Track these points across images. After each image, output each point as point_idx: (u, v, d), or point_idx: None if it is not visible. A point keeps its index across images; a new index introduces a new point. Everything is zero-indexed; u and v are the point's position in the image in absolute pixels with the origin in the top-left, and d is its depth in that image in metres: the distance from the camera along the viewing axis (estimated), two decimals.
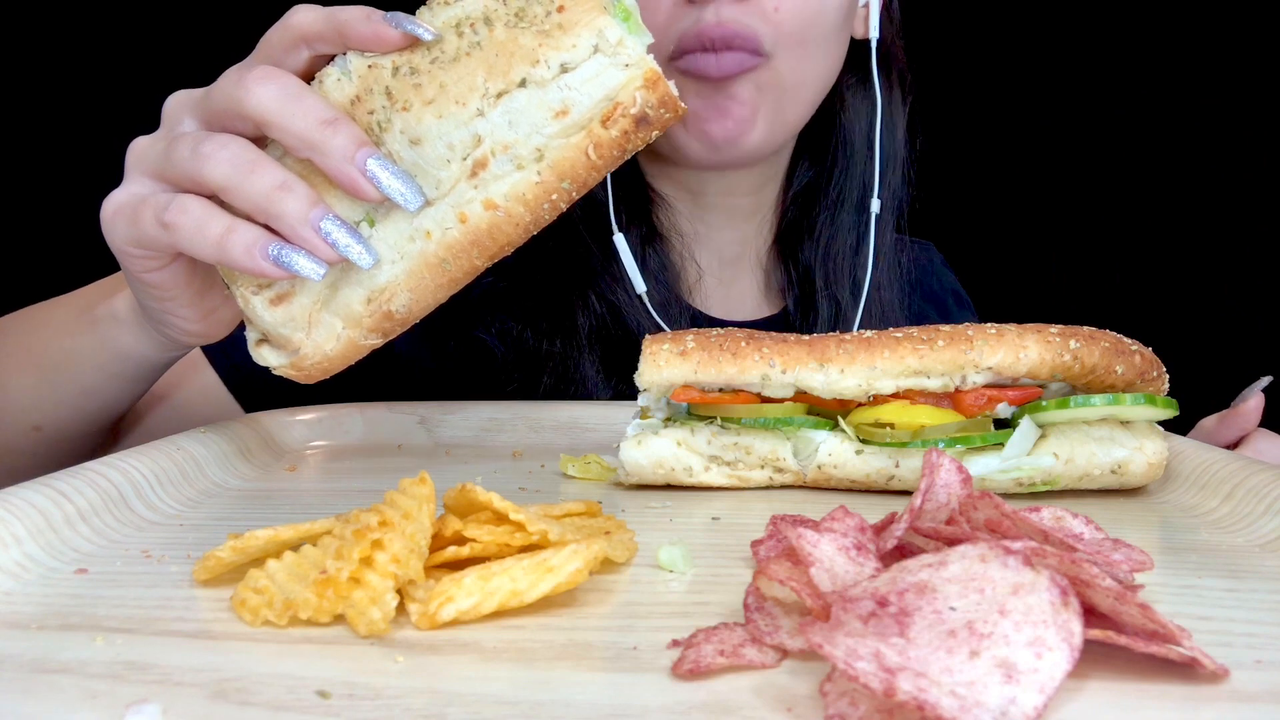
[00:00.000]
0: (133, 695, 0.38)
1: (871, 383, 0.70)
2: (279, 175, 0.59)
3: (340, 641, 0.44)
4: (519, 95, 0.58)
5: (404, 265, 0.61)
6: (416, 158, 0.59)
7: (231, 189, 0.59)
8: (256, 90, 0.59)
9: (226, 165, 0.59)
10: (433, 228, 0.60)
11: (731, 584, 0.52)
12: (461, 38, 0.59)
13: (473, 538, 0.50)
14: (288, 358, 0.65)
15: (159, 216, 0.61)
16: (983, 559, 0.39)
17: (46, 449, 0.89)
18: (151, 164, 0.64)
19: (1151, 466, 0.71)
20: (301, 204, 0.58)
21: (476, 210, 0.60)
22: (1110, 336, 0.72)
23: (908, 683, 0.34)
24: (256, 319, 0.63)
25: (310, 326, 0.63)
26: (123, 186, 0.65)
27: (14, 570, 0.52)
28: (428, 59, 0.59)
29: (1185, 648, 0.39)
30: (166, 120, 0.66)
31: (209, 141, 0.60)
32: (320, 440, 0.93)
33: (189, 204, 0.60)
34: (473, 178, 0.60)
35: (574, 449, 0.87)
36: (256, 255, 0.58)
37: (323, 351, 0.64)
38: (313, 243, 0.58)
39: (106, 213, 0.65)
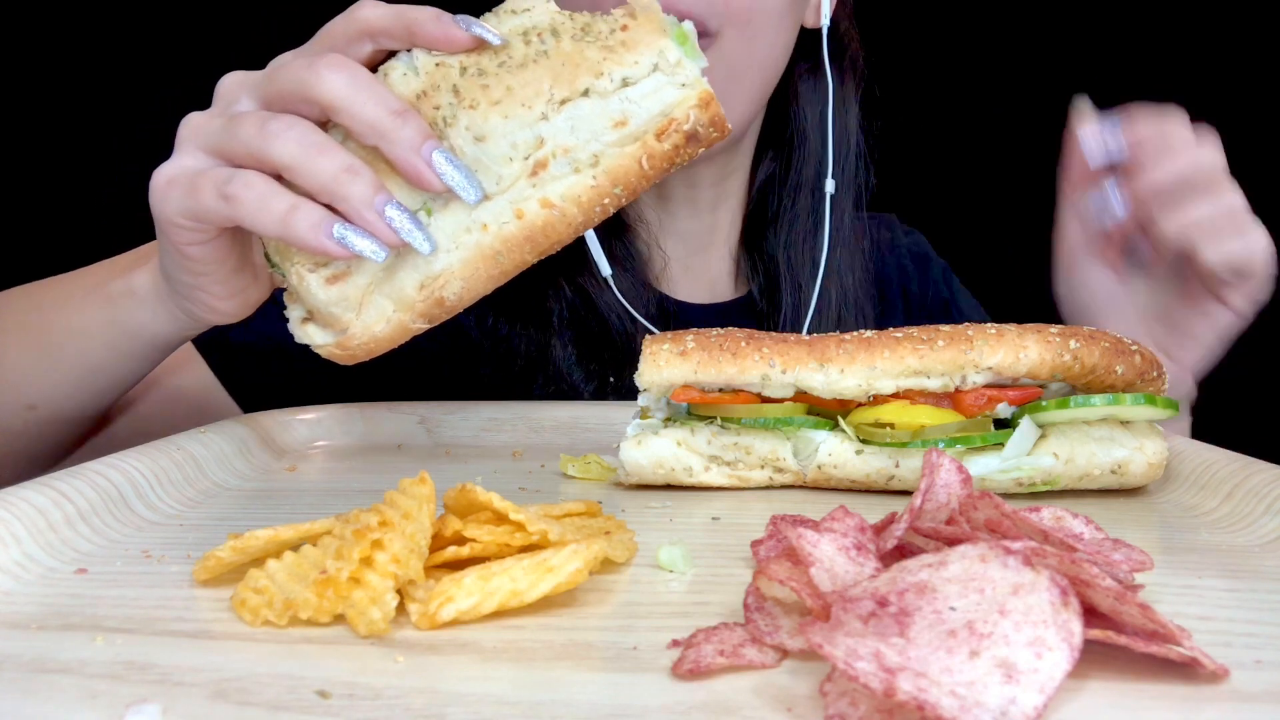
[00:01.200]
0: (133, 695, 0.38)
1: (871, 383, 0.70)
2: (346, 158, 0.60)
3: (340, 641, 0.44)
4: (582, 103, 0.61)
5: (459, 255, 0.63)
6: (479, 154, 0.61)
7: (298, 168, 0.60)
8: (328, 76, 0.60)
9: (294, 144, 0.60)
10: (490, 221, 0.63)
11: (731, 584, 0.52)
12: (529, 45, 0.62)
13: (473, 538, 0.50)
14: (334, 337, 0.66)
15: (221, 189, 0.61)
16: (983, 559, 0.39)
17: (39, 429, 0.89)
18: (210, 139, 0.64)
19: (1151, 466, 0.71)
20: (367, 188, 0.59)
21: (533, 208, 0.63)
22: (1110, 336, 0.72)
23: (908, 683, 0.34)
24: (309, 296, 0.64)
25: (362, 307, 0.64)
26: (174, 159, 0.65)
27: (14, 570, 0.52)
28: (495, 62, 0.62)
29: (1185, 648, 0.39)
30: (222, 98, 0.66)
31: (276, 121, 0.60)
32: (320, 440, 0.93)
33: (252, 179, 0.61)
34: (532, 176, 0.62)
35: (574, 449, 0.87)
36: (321, 233, 0.59)
37: (371, 333, 0.65)
38: (376, 226, 0.59)
39: (159, 182, 0.65)
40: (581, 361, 1.12)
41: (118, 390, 0.88)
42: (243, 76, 0.66)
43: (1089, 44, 2.40)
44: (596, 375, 1.13)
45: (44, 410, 0.87)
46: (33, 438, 0.89)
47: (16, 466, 0.93)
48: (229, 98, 0.66)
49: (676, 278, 1.22)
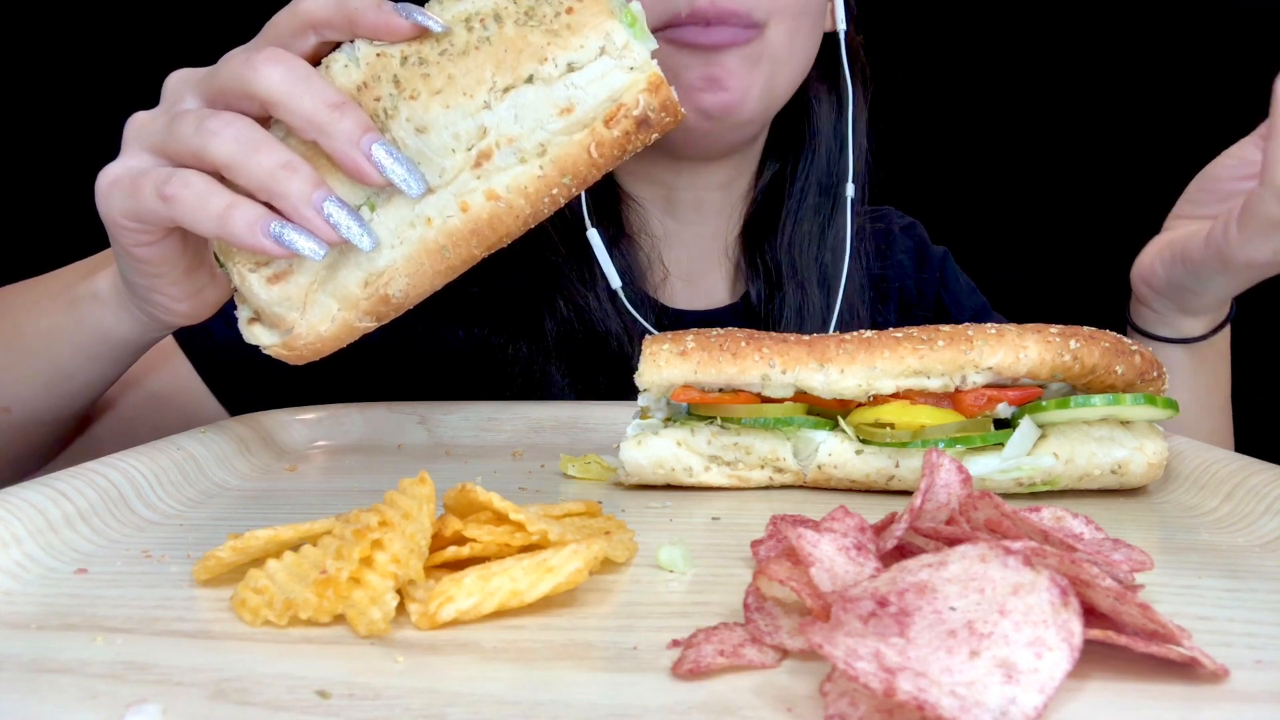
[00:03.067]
0: (133, 695, 0.38)
1: (871, 383, 0.70)
2: (283, 155, 0.59)
3: (340, 641, 0.44)
4: (526, 91, 0.59)
5: (404, 250, 0.62)
6: (421, 145, 0.60)
7: (235, 166, 0.59)
8: (265, 70, 0.59)
9: (231, 142, 0.59)
10: (434, 215, 0.61)
11: (731, 584, 0.52)
12: (471, 32, 0.60)
13: (473, 538, 0.50)
14: (280, 336, 0.65)
15: (159, 189, 0.61)
16: (983, 559, 0.39)
17: (15, 432, 0.88)
18: (152, 138, 0.64)
19: (1151, 466, 0.71)
20: (305, 184, 0.58)
21: (478, 200, 0.61)
22: (1110, 336, 0.72)
23: (908, 683, 0.34)
24: (252, 296, 0.63)
25: (305, 306, 0.63)
26: (119, 159, 0.65)
27: (14, 570, 0.52)
28: (436, 50, 0.60)
29: (1185, 648, 0.39)
30: (167, 97, 0.66)
31: (214, 119, 0.60)
32: (320, 440, 0.93)
33: (191, 178, 0.61)
34: (476, 168, 0.61)
35: (574, 449, 0.87)
36: (258, 232, 0.58)
37: (316, 332, 0.64)
38: (315, 223, 0.58)
39: (102, 184, 0.65)
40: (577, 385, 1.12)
41: (91, 392, 0.88)
42: (188, 74, 0.66)
43: (1087, 41, 2.40)
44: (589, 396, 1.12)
45: (19, 413, 0.87)
46: (10, 443, 0.89)
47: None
48: (174, 96, 0.66)
49: (676, 287, 1.21)
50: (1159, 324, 1.09)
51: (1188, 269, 1.01)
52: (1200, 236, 0.99)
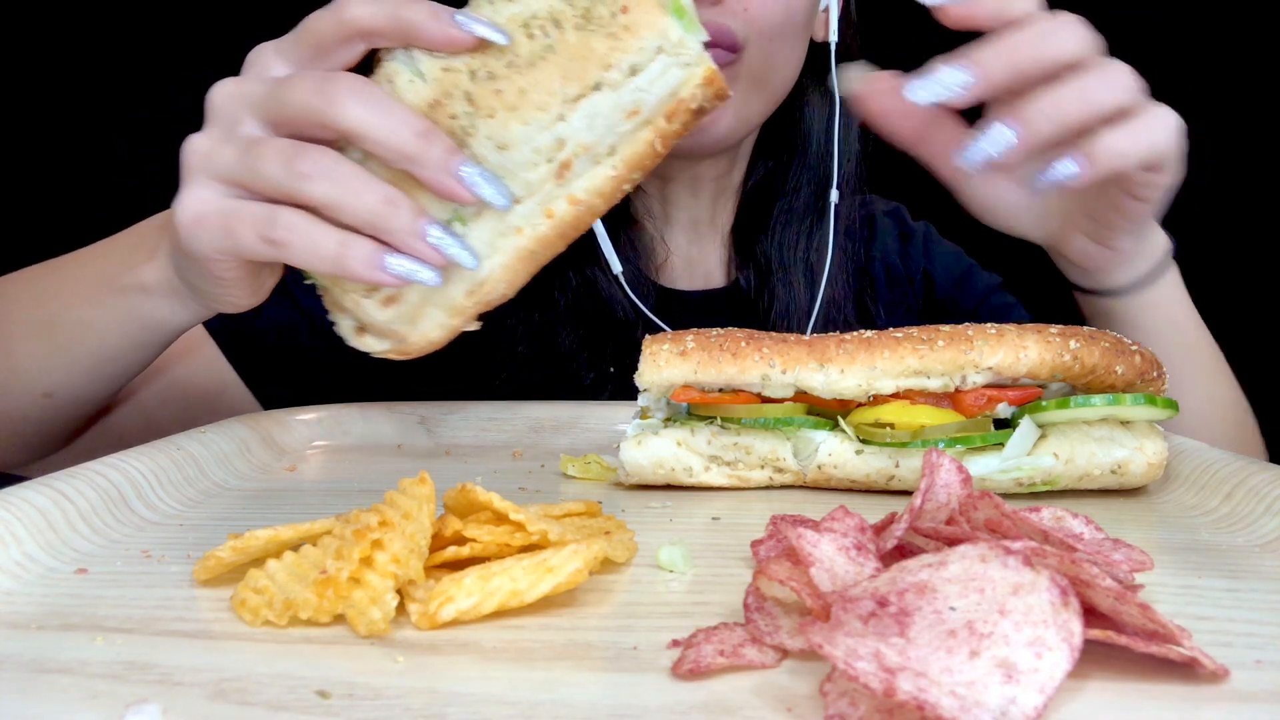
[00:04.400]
0: (133, 695, 0.38)
1: (871, 383, 0.70)
2: (382, 190, 0.59)
3: (340, 641, 0.44)
4: (595, 99, 0.61)
5: (499, 259, 0.64)
6: (504, 161, 0.61)
7: (337, 207, 0.59)
8: (345, 103, 0.59)
9: (327, 183, 0.59)
10: (523, 224, 0.64)
11: (731, 584, 0.52)
12: (533, 39, 0.61)
13: (473, 538, 0.50)
14: (392, 344, 0.67)
15: (263, 234, 0.61)
16: (983, 559, 0.39)
17: (55, 414, 0.90)
18: (227, 171, 0.63)
19: (1151, 467, 0.71)
20: (409, 217, 0.59)
21: (562, 206, 0.64)
22: (1110, 337, 0.72)
23: (908, 683, 0.34)
24: (368, 318, 0.65)
25: (416, 320, 0.65)
26: (191, 191, 0.63)
27: (14, 570, 0.52)
28: (502, 62, 0.61)
29: (1185, 648, 0.39)
30: (220, 117, 0.64)
31: (303, 160, 0.59)
32: (320, 440, 0.93)
33: (294, 220, 0.60)
34: (558, 178, 0.63)
35: (574, 449, 0.87)
36: (375, 268, 0.59)
37: (428, 339, 0.66)
38: (423, 251, 0.60)
39: (184, 220, 0.63)
40: (584, 349, 1.15)
41: (133, 373, 0.89)
42: (236, 89, 0.64)
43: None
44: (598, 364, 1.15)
45: (61, 397, 0.88)
46: (48, 421, 0.91)
47: (29, 449, 0.95)
48: (228, 117, 0.64)
49: (676, 269, 1.25)
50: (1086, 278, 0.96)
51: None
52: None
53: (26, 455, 0.96)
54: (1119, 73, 0.68)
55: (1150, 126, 0.69)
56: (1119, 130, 0.68)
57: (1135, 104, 0.69)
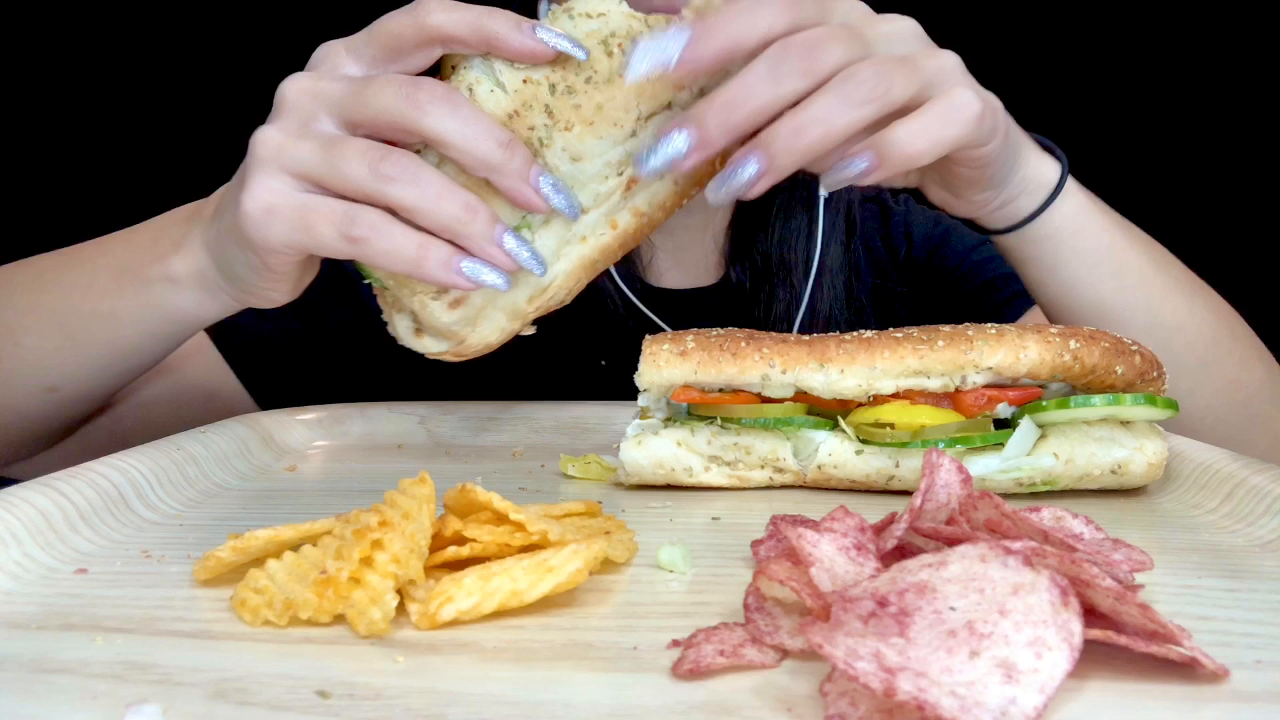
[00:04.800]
0: (133, 695, 0.38)
1: (871, 383, 0.70)
2: (461, 197, 0.61)
3: (340, 641, 0.44)
4: (664, 116, 0.65)
5: (563, 266, 0.67)
6: (575, 172, 0.64)
7: (420, 212, 0.61)
8: (433, 111, 0.60)
9: (414, 189, 0.60)
10: (588, 233, 0.67)
11: (731, 584, 0.52)
12: (611, 57, 0.63)
13: (473, 538, 0.50)
14: (449, 346, 0.69)
15: (344, 231, 0.62)
16: (983, 559, 0.39)
17: (56, 409, 0.89)
18: (303, 167, 0.63)
19: (1151, 467, 0.71)
20: (487, 224, 0.61)
21: (625, 218, 0.67)
22: (1110, 337, 0.72)
23: (908, 683, 0.34)
24: (433, 320, 0.66)
25: (477, 322, 0.68)
26: (261, 181, 0.63)
27: (14, 570, 0.52)
28: (581, 78, 0.63)
29: (1185, 648, 0.39)
30: (293, 112, 0.64)
31: (388, 163, 0.60)
32: (320, 440, 0.93)
33: (376, 220, 0.62)
34: (626, 190, 0.66)
35: (574, 449, 0.87)
36: (451, 271, 0.62)
37: (486, 341, 0.69)
38: (497, 258, 0.62)
39: (253, 210, 0.63)
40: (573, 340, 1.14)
41: (142, 369, 0.88)
42: (311, 86, 0.64)
43: (1077, 38, 2.40)
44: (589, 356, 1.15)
45: (66, 392, 0.87)
46: (46, 417, 0.89)
47: (26, 444, 0.93)
48: (304, 113, 0.64)
49: (663, 267, 1.24)
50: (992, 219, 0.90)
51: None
52: None
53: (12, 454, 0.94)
54: (886, 69, 0.63)
55: (941, 118, 0.65)
56: (908, 125, 0.65)
57: (921, 92, 0.65)
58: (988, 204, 0.83)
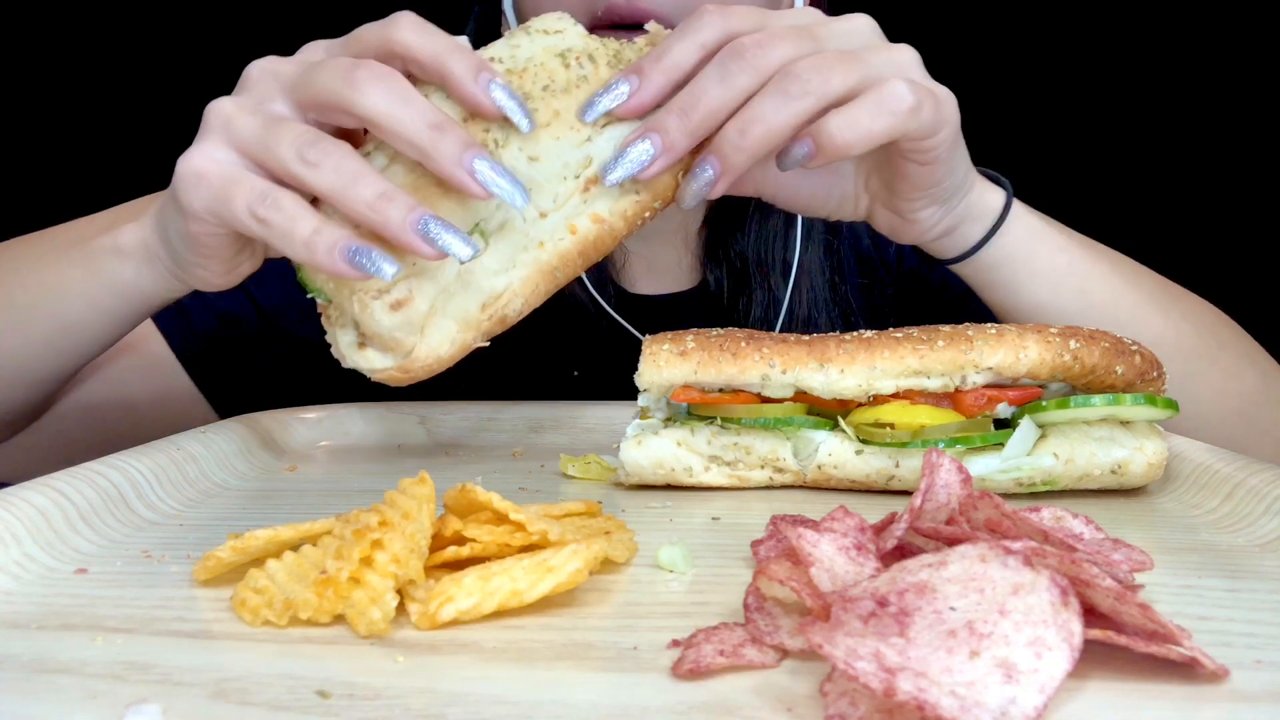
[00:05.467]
0: (133, 695, 0.38)
1: (871, 383, 0.70)
2: (380, 185, 0.60)
3: (340, 641, 0.44)
4: (622, 126, 0.66)
5: (520, 273, 0.66)
6: (534, 173, 0.64)
7: (335, 198, 0.60)
8: (368, 90, 0.60)
9: (331, 174, 0.60)
10: (546, 238, 0.66)
11: (731, 584, 0.52)
12: (568, 69, 0.66)
13: (473, 538, 0.50)
14: (395, 360, 0.66)
15: (253, 208, 0.62)
16: (983, 559, 0.39)
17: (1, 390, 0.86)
18: (243, 139, 0.63)
19: (1151, 467, 0.71)
20: (401, 210, 0.59)
21: (585, 223, 0.66)
22: (1110, 337, 0.72)
23: (908, 683, 0.34)
24: (373, 323, 0.64)
25: (425, 330, 0.65)
26: (202, 147, 0.64)
27: (14, 570, 0.52)
28: (539, 86, 0.65)
29: (1185, 648, 0.39)
30: (252, 88, 0.66)
31: (314, 149, 0.61)
32: (320, 440, 0.93)
33: (285, 204, 0.61)
34: (584, 192, 0.66)
35: (574, 449, 0.87)
36: (338, 258, 0.60)
37: (436, 354, 0.66)
38: (415, 244, 0.60)
39: (186, 170, 0.64)
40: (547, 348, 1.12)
41: (92, 350, 0.86)
42: (273, 66, 0.66)
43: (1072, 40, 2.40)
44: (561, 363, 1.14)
45: (8, 370, 0.85)
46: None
47: None
48: (261, 91, 0.65)
49: (637, 272, 1.22)
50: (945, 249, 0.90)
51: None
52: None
53: None
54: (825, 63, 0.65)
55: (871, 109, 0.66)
56: (839, 116, 0.66)
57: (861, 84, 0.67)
58: (933, 225, 0.83)
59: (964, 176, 0.80)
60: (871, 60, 0.68)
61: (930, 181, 0.77)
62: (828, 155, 0.67)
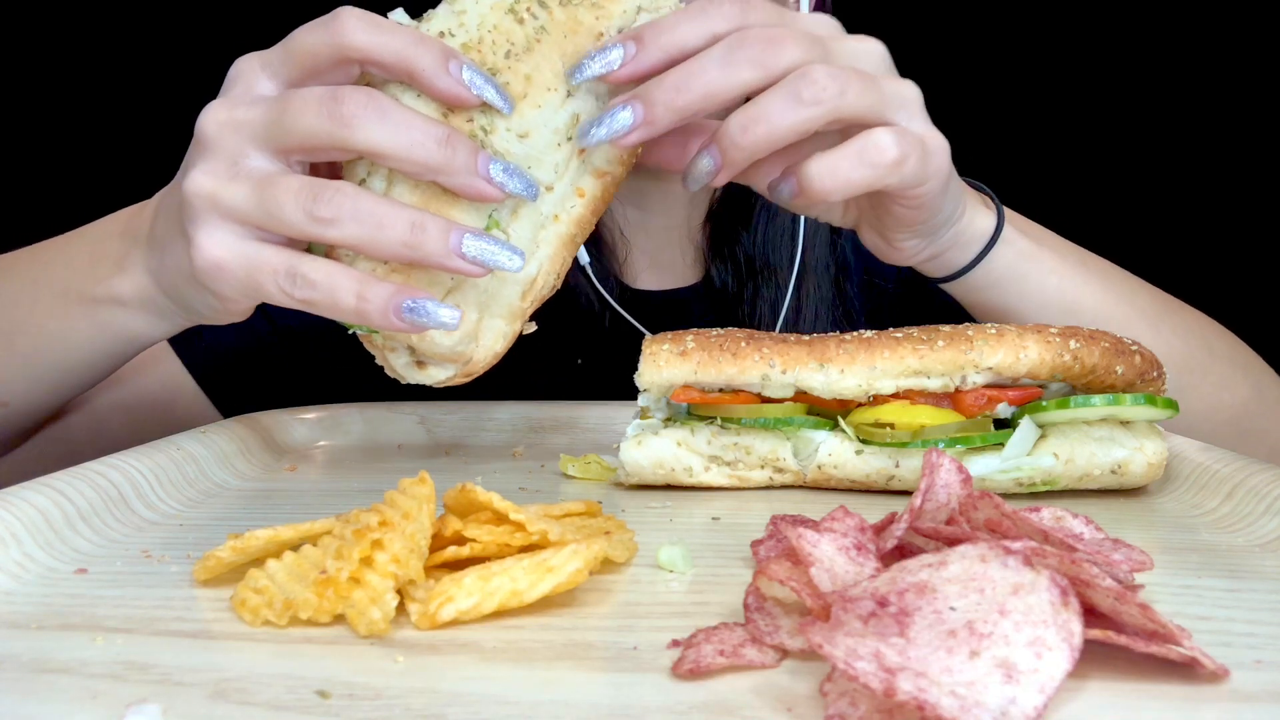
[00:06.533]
0: (133, 695, 0.38)
1: (871, 383, 0.70)
2: (406, 217, 0.57)
3: (340, 641, 0.44)
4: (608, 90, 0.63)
5: (545, 251, 0.65)
6: (527, 150, 0.62)
7: (366, 248, 0.58)
8: (363, 125, 0.57)
9: (352, 227, 0.57)
10: (559, 210, 0.65)
11: (731, 584, 0.52)
12: (523, 24, 0.62)
13: (473, 538, 0.50)
14: (455, 369, 0.66)
15: (286, 291, 0.60)
16: (983, 559, 0.39)
17: (4, 423, 0.87)
18: (240, 213, 0.60)
19: (1151, 467, 0.71)
20: (439, 240, 0.57)
21: (589, 182, 0.66)
22: (1110, 337, 0.72)
23: (908, 683, 0.34)
24: (434, 348, 0.63)
25: (479, 336, 0.65)
26: (205, 234, 0.60)
27: (14, 570, 0.52)
28: (501, 54, 0.61)
29: (1185, 648, 0.39)
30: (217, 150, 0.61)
31: (321, 203, 0.57)
32: (320, 440, 0.93)
33: (315, 276, 0.59)
34: (581, 154, 0.64)
35: (574, 449, 0.87)
36: (392, 316, 0.58)
37: (492, 351, 0.66)
38: (464, 268, 0.58)
39: (204, 266, 0.61)
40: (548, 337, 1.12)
41: (93, 384, 0.87)
42: (229, 117, 0.61)
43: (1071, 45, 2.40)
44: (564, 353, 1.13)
45: (17, 406, 0.85)
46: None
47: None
48: (230, 150, 0.60)
49: (639, 268, 1.22)
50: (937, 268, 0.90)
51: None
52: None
53: None
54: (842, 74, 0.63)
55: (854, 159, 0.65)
56: (821, 161, 0.65)
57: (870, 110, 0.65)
58: (917, 253, 0.83)
59: (952, 211, 0.80)
60: (885, 88, 0.66)
61: (914, 221, 0.77)
62: (808, 198, 0.67)
